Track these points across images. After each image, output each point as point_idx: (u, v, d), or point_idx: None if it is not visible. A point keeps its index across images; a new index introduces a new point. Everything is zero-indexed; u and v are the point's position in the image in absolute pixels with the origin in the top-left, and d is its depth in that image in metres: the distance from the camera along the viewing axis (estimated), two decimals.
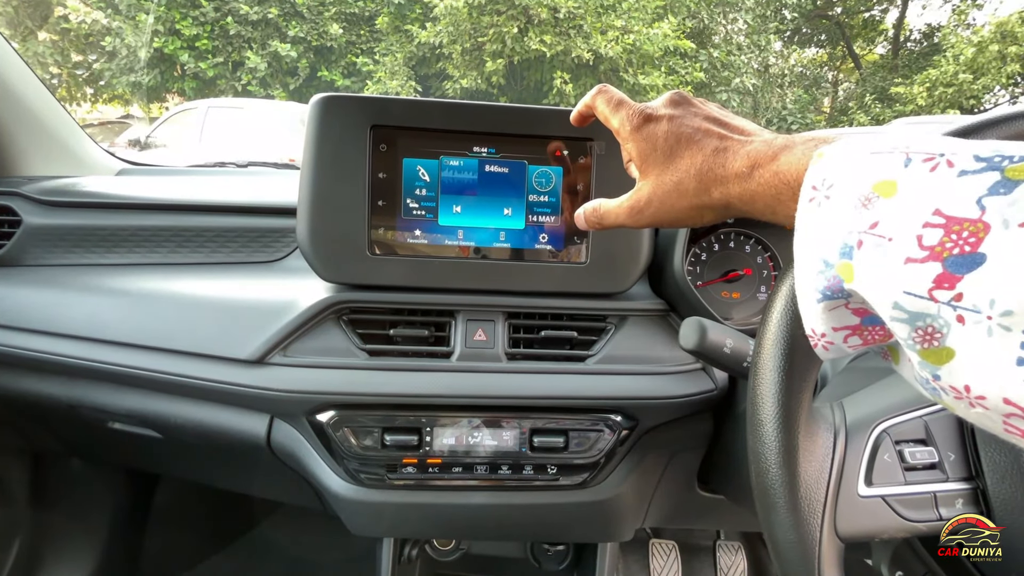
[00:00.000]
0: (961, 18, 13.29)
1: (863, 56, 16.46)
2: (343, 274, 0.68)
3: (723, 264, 0.84)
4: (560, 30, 8.74)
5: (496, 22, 8.67)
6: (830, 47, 16.87)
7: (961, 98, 10.43)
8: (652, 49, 9.02)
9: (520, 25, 8.71)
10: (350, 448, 0.66)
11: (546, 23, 8.63)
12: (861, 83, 14.43)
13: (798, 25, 15.91)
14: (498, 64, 8.90)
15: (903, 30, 15.71)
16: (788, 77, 14.71)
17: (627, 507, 0.78)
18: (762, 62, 12.47)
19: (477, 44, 8.98)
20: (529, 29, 8.70)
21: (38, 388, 0.79)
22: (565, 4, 8.47)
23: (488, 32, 8.76)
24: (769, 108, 12.72)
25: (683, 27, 9.93)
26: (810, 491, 0.37)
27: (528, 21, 8.69)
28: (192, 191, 0.91)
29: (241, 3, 9.23)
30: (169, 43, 9.36)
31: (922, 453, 0.39)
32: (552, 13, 8.57)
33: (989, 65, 10.13)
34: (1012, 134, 0.41)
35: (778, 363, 0.38)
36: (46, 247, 0.82)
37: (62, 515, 1.11)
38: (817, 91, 15.76)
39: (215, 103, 6.52)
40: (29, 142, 0.93)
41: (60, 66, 11.19)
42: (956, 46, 10.76)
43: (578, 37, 8.72)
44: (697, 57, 10.40)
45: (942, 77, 10.54)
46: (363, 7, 10.09)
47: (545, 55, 8.73)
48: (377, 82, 9.47)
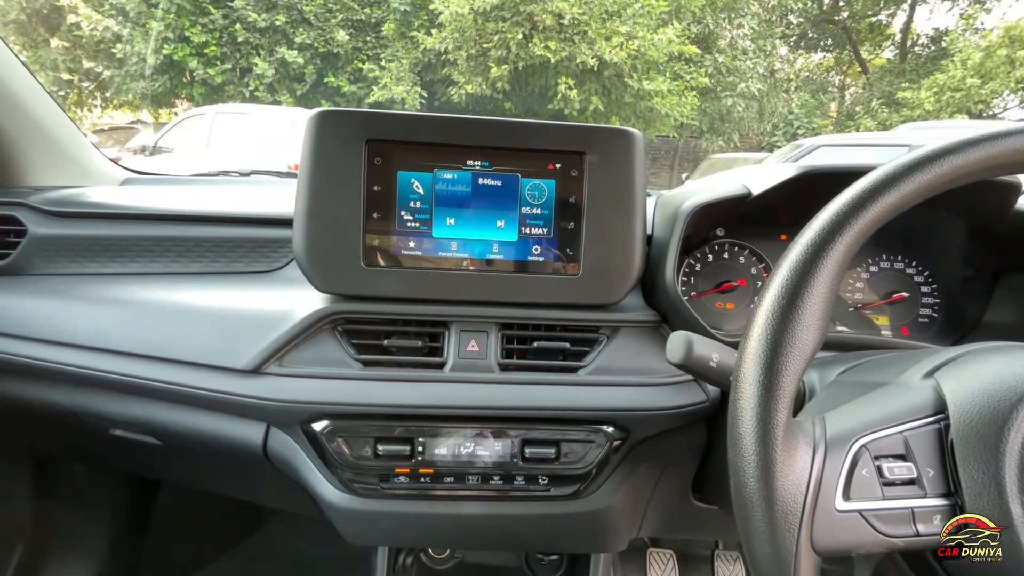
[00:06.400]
0: (969, 22, 13.23)
1: (870, 61, 16.41)
2: (338, 285, 0.69)
3: (717, 275, 0.84)
4: (565, 36, 8.77)
5: (501, 28, 8.72)
6: (836, 51, 16.84)
7: (969, 103, 10.37)
8: (657, 55, 9.03)
9: (525, 31, 8.75)
10: (343, 457, 0.67)
11: (551, 29, 8.67)
12: (868, 88, 14.38)
13: (804, 30, 15.89)
14: (503, 70, 8.94)
15: (910, 35, 15.65)
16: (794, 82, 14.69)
17: (620, 518, 0.78)
18: (768, 67, 12.46)
19: (482, 50, 9.04)
20: (534, 35, 8.75)
21: (42, 396, 0.80)
22: (570, 10, 8.51)
23: (493, 38, 8.81)
24: (775, 113, 12.70)
25: (688, 32, 9.93)
26: (787, 505, 0.37)
27: (533, 27, 8.74)
28: (194, 201, 0.93)
29: (249, 10, 9.35)
30: (178, 50, 9.48)
31: (901, 468, 0.39)
32: (557, 19, 8.61)
33: (998, 70, 10.06)
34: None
35: (757, 377, 0.39)
36: (50, 257, 0.84)
37: (65, 520, 1.13)
38: (824, 96, 15.72)
39: (222, 109, 6.60)
40: (35, 152, 0.95)
41: (72, 72, 11.38)
42: (964, 50, 10.70)
43: (583, 43, 8.74)
44: (702, 62, 10.41)
45: (950, 82, 10.48)
46: (369, 14, 10.19)
47: (550, 61, 8.76)
48: (383, 88, 9.53)
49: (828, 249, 0.39)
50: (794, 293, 0.39)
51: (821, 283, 0.39)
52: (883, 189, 0.40)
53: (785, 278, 0.40)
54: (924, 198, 0.41)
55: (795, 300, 0.39)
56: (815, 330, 0.39)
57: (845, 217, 0.40)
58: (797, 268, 0.40)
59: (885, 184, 0.40)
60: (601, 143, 0.69)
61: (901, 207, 0.41)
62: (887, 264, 0.85)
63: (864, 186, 0.41)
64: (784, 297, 0.39)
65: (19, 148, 0.93)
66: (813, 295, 0.39)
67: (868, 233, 0.41)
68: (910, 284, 0.85)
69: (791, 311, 0.39)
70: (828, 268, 0.39)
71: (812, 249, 0.40)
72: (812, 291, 0.39)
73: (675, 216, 0.73)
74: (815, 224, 0.41)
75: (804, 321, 0.39)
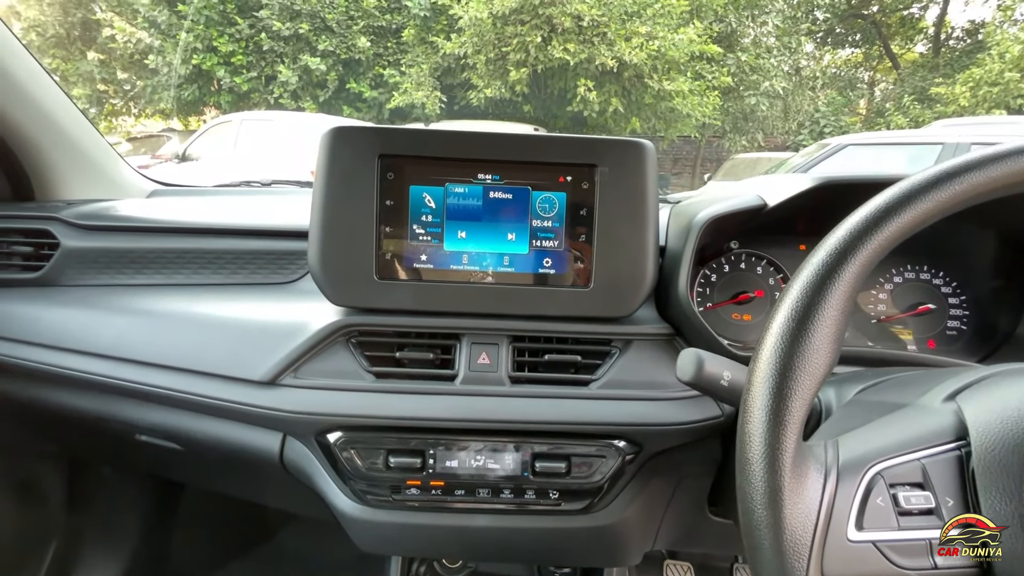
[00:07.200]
0: (1007, 14, 12.67)
1: (901, 55, 15.88)
2: (352, 298, 0.70)
3: (734, 286, 0.83)
4: (584, 38, 8.74)
5: (520, 32, 8.74)
6: (866, 47, 16.34)
7: (1007, 97, 9.93)
8: (678, 55, 8.92)
9: (544, 34, 8.75)
10: (356, 468, 0.68)
11: (570, 31, 8.65)
12: (899, 83, 13.92)
13: (831, 26, 15.46)
14: (522, 73, 8.95)
15: (944, 27, 15.09)
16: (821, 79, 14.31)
17: (632, 532, 0.77)
18: (793, 64, 12.17)
19: (501, 54, 9.06)
20: (553, 38, 8.73)
21: (72, 402, 0.84)
22: (589, 12, 8.47)
23: (512, 42, 8.83)
24: (801, 111, 12.40)
25: (710, 31, 9.78)
26: (796, 534, 0.36)
27: (552, 30, 8.72)
28: (216, 213, 0.95)
29: (274, 19, 9.58)
30: (207, 59, 9.78)
31: (918, 498, 0.38)
32: (576, 21, 8.58)
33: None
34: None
35: (766, 403, 0.38)
36: (81, 268, 0.87)
37: (95, 519, 1.17)
38: (852, 93, 15.26)
39: (248, 116, 6.78)
40: (67, 167, 0.99)
41: (107, 83, 11.85)
42: (1002, 43, 10.25)
43: (602, 44, 8.69)
44: (724, 61, 10.23)
45: (987, 76, 10.05)
46: (390, 20, 10.32)
47: (569, 63, 8.74)
48: (403, 93, 9.64)
49: (840, 270, 0.38)
50: (804, 315, 0.38)
51: (832, 305, 0.38)
52: (898, 208, 0.39)
53: (795, 300, 0.39)
54: (942, 216, 0.40)
55: (805, 323, 0.38)
56: (826, 353, 0.38)
57: (858, 237, 0.39)
58: (808, 290, 0.39)
59: (901, 203, 0.39)
60: (612, 155, 0.69)
61: (917, 227, 0.39)
62: (912, 275, 0.82)
63: (878, 204, 0.40)
64: (794, 320, 0.38)
65: (52, 163, 0.97)
66: (824, 318, 0.38)
67: (883, 253, 0.39)
68: (936, 295, 0.81)
69: (801, 334, 0.38)
70: (840, 290, 0.38)
71: (824, 270, 0.39)
72: (823, 314, 0.38)
73: (689, 227, 0.72)
74: (827, 244, 0.40)
75: (814, 344, 0.38)
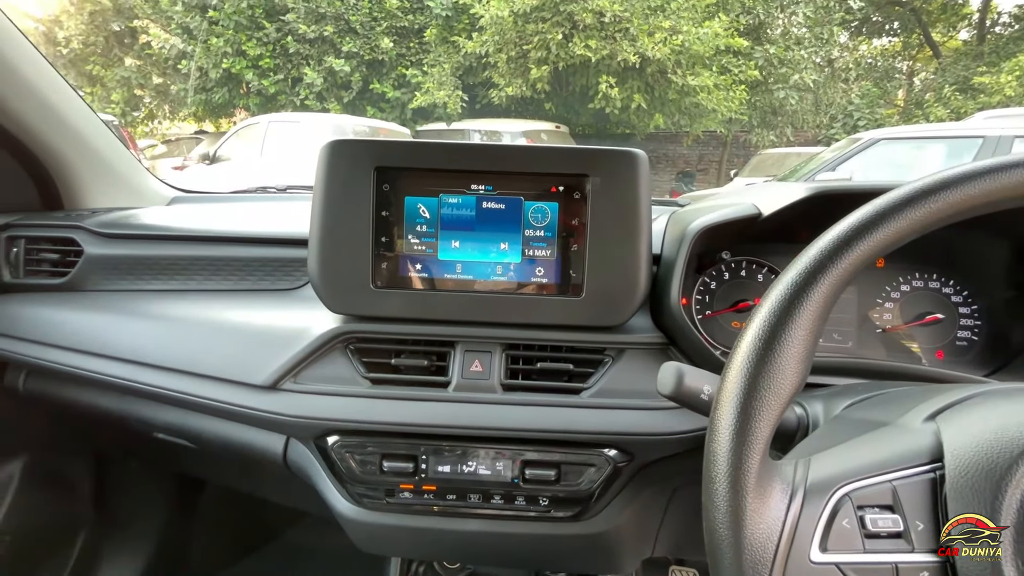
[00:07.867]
0: None
1: (942, 44, 15.16)
2: (349, 306, 0.73)
3: (733, 294, 0.82)
4: (606, 34, 8.64)
5: (541, 29, 8.69)
6: (904, 35, 15.66)
7: None
8: (702, 49, 8.73)
9: (565, 31, 8.68)
10: (351, 472, 0.70)
11: (591, 28, 8.56)
12: (940, 73, 13.29)
13: (867, 14, 14.85)
14: (543, 71, 8.91)
15: (990, 13, 14.35)
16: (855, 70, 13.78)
17: (626, 540, 0.77)
18: (825, 56, 11.76)
19: (522, 52, 9.04)
20: (574, 35, 8.66)
21: (94, 401, 0.89)
22: (611, 8, 8.36)
23: (533, 40, 8.80)
24: (833, 104, 11.98)
25: (736, 24, 9.54)
26: (756, 553, 0.36)
27: (573, 27, 8.65)
28: (228, 221, 0.99)
29: (300, 23, 9.79)
30: (236, 63, 10.07)
31: (885, 520, 0.37)
32: (597, 18, 8.49)
33: None
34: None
35: (731, 422, 0.38)
36: (103, 274, 0.92)
37: (121, 511, 1.23)
38: (889, 84, 14.64)
39: (275, 118, 6.96)
40: (93, 178, 1.05)
41: (143, 88, 12.34)
42: None
43: (624, 40, 8.58)
44: (752, 55, 9.97)
45: None
46: (412, 20, 10.41)
47: (590, 60, 8.65)
48: (425, 93, 9.71)
49: (808, 292, 0.38)
50: (771, 336, 0.38)
51: (801, 326, 0.38)
52: (871, 227, 0.38)
53: (763, 320, 0.39)
54: (919, 235, 0.39)
55: (772, 343, 0.38)
56: (793, 374, 0.38)
57: (828, 257, 0.38)
58: (776, 310, 0.39)
59: (873, 222, 0.39)
60: (604, 165, 0.69)
61: (891, 246, 0.39)
62: (920, 283, 0.80)
63: (851, 223, 0.39)
64: (761, 340, 0.38)
65: (79, 174, 1.03)
66: (791, 339, 0.38)
67: (854, 273, 0.39)
68: (946, 305, 0.79)
69: (768, 355, 0.38)
70: (808, 311, 0.38)
71: (792, 290, 0.39)
72: (790, 335, 0.38)
73: (683, 236, 0.72)
74: (797, 264, 0.40)
75: (780, 365, 0.38)
